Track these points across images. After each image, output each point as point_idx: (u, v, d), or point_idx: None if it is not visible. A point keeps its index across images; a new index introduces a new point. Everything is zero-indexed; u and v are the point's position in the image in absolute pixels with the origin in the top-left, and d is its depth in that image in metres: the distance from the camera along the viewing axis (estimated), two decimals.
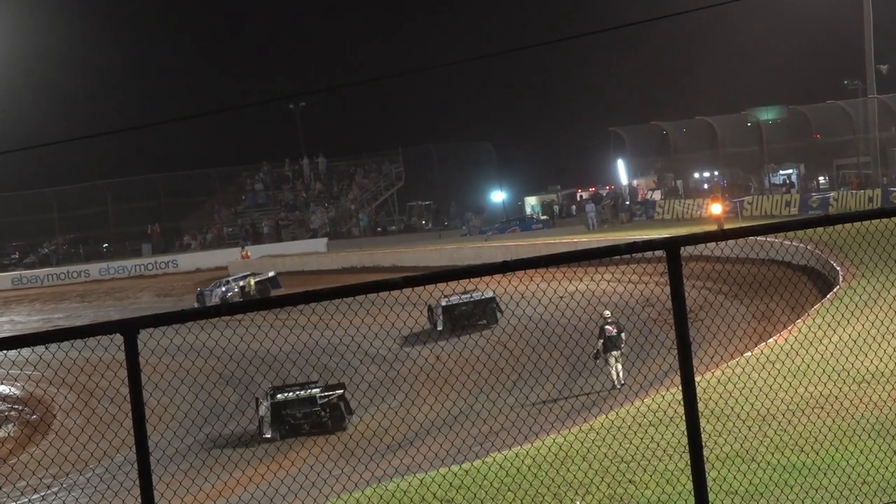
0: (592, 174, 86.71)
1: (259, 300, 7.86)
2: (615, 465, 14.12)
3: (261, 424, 30.06)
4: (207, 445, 27.51)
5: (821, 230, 10.30)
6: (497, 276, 8.23)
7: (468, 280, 9.05)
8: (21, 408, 37.94)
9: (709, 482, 8.14)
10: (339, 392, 30.31)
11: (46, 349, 7.63)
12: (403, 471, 18.77)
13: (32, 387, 38.26)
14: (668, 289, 7.99)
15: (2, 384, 39.50)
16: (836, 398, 15.10)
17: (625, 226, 69.41)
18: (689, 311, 8.23)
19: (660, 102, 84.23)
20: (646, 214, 72.24)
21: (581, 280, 26.78)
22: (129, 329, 7.01)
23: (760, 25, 77.49)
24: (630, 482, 13.43)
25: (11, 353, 8.00)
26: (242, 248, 74.52)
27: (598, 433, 16.26)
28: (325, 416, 29.99)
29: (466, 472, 15.10)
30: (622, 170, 79.67)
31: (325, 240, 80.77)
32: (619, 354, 29.70)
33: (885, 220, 9.29)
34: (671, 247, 7.92)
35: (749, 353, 22.36)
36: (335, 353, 33.11)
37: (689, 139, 75.45)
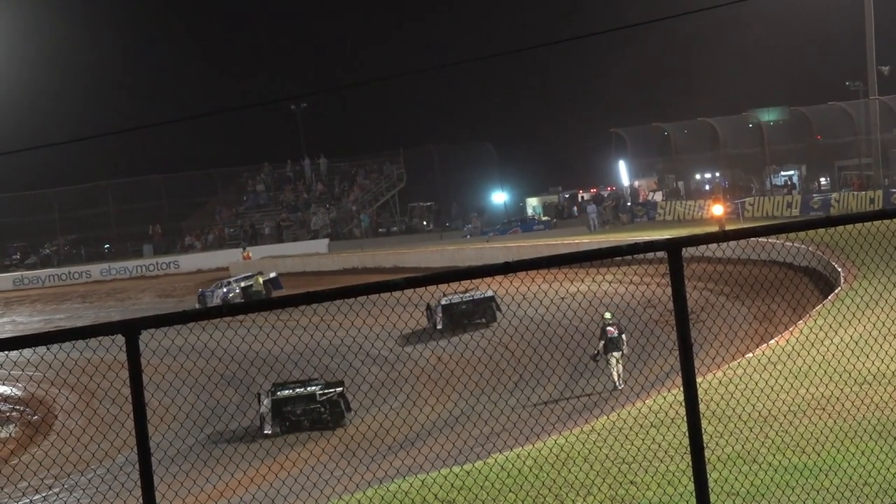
0: (594, 175, 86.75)
1: (260, 301, 7.87)
2: (616, 467, 14.12)
3: (262, 420, 30.49)
4: (209, 446, 27.50)
5: (822, 231, 10.29)
6: (498, 277, 8.20)
7: (469, 280, 9.04)
8: (22, 408, 37.95)
9: (710, 483, 8.14)
10: (339, 389, 30.71)
11: (48, 350, 7.62)
12: (405, 472, 18.76)
13: (34, 387, 38.23)
14: (670, 290, 7.99)
15: (3, 385, 39.51)
16: (838, 399, 15.09)
17: (626, 227, 69.38)
18: (691, 313, 8.23)
19: (661, 103, 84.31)
20: (647, 216, 72.24)
21: (582, 281, 26.88)
22: (131, 330, 7.01)
23: (762, 26, 77.48)
24: (631, 483, 13.42)
25: (13, 354, 8.01)
26: (244, 249, 74.54)
27: (600, 434, 16.25)
28: (325, 413, 30.42)
29: (468, 473, 15.09)
30: (623, 171, 79.66)
31: (327, 241, 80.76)
32: (621, 356, 29.71)
33: (887, 222, 9.29)
34: (673, 248, 7.91)
35: (750, 355, 22.34)
36: (336, 354, 33.19)
37: (691, 140, 75.45)
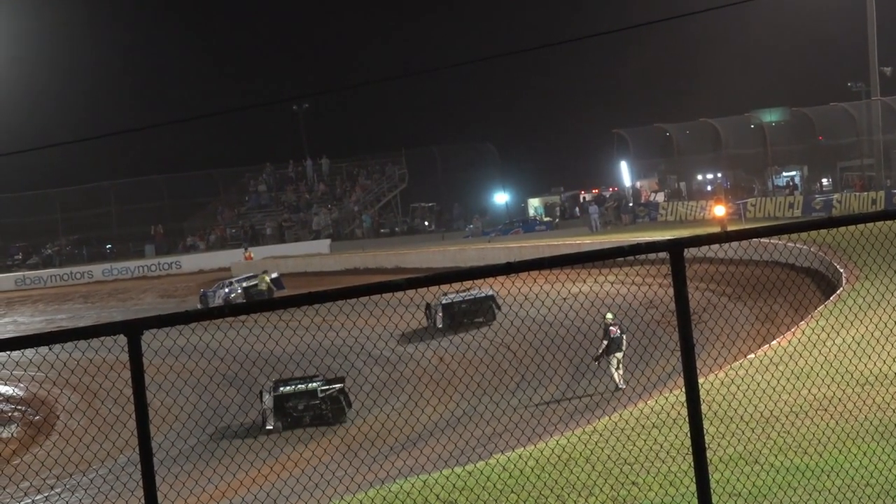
0: (596, 176, 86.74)
1: (262, 301, 7.87)
2: (618, 467, 14.11)
3: (264, 416, 30.98)
4: (210, 446, 27.50)
5: (824, 232, 10.28)
6: (500, 278, 8.20)
7: (471, 280, 9.03)
8: (24, 409, 37.95)
9: (712, 484, 8.13)
10: (339, 386, 31.19)
11: (50, 350, 7.62)
12: (406, 472, 18.75)
13: (36, 388, 38.24)
14: (672, 290, 7.99)
15: (5, 385, 39.54)
16: (840, 400, 15.09)
17: (628, 227, 69.34)
18: (693, 313, 8.23)
19: (663, 104, 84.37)
20: (649, 216, 72.21)
21: (584, 282, 26.88)
22: (133, 330, 7.02)
23: (764, 27, 77.47)
24: (633, 484, 13.42)
25: (15, 354, 8.01)
26: (245, 250, 74.56)
27: (602, 435, 16.25)
28: (326, 409, 30.94)
29: (470, 474, 15.10)
30: (625, 171, 79.63)
31: (329, 241, 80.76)
32: (622, 356, 29.71)
33: (889, 223, 9.28)
34: (675, 248, 7.91)
35: (752, 355, 22.34)
36: (338, 354, 33.20)
37: (693, 141, 75.44)
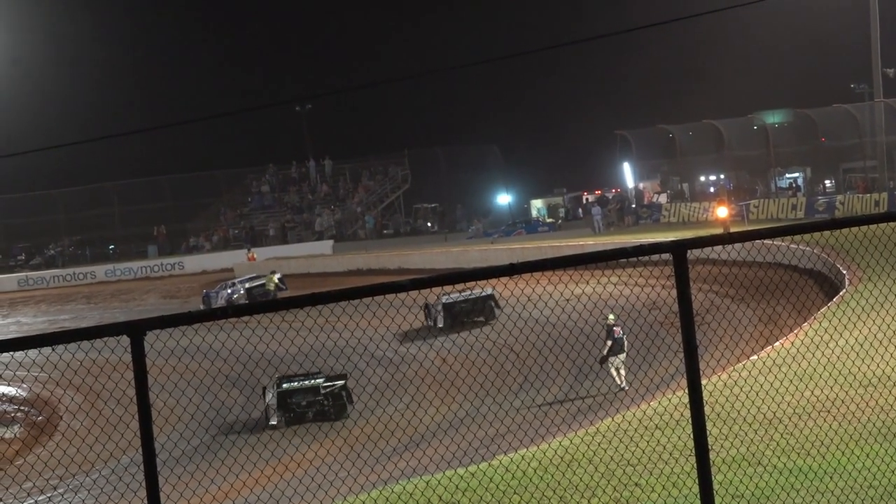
0: (598, 177, 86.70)
1: (265, 302, 7.89)
2: (621, 469, 14.12)
3: (267, 412, 31.49)
4: (213, 447, 27.51)
5: (827, 234, 10.28)
6: (503, 279, 8.20)
7: (474, 281, 9.05)
8: (27, 409, 37.97)
9: (715, 485, 8.14)
10: (341, 382, 31.63)
11: (53, 350, 7.62)
12: (409, 473, 18.76)
13: (39, 388, 38.27)
14: (675, 292, 7.99)
15: (8, 385, 39.54)
16: (843, 402, 15.09)
17: (631, 229, 69.28)
18: (696, 315, 8.23)
19: (666, 105, 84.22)
20: (652, 217, 72.16)
21: (587, 283, 26.86)
22: (136, 331, 7.02)
23: (767, 29, 77.40)
24: (636, 485, 13.42)
25: (18, 355, 8.01)
26: (248, 251, 74.58)
27: (605, 436, 16.25)
28: (328, 405, 31.37)
29: (472, 475, 15.10)
30: (628, 173, 79.58)
31: (331, 242, 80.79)
32: (625, 357, 29.72)
33: (892, 224, 9.29)
34: (678, 250, 7.91)
35: (755, 357, 22.33)
36: (341, 355, 33.18)
37: (696, 142, 75.37)
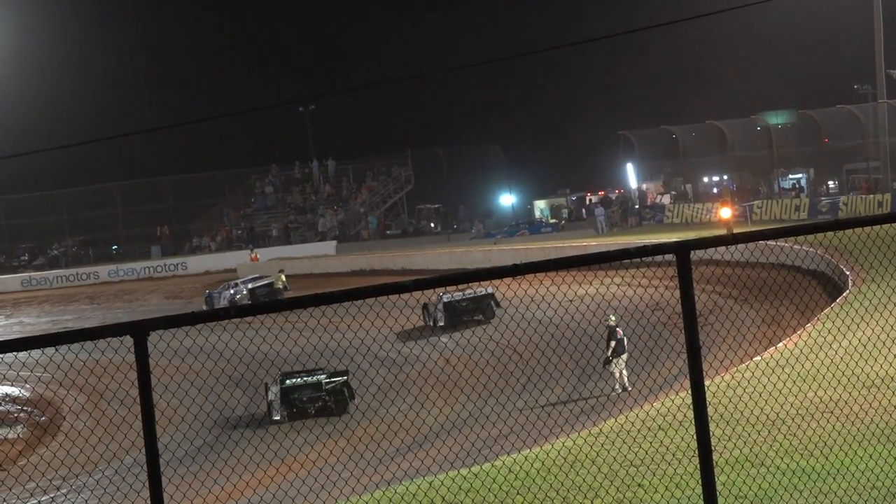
0: (602, 178, 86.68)
1: (268, 303, 7.89)
2: (624, 469, 14.12)
3: (269, 408, 31.95)
4: (217, 447, 27.53)
5: (830, 234, 10.27)
6: (506, 279, 8.21)
7: (477, 282, 9.08)
8: (30, 409, 37.97)
9: (718, 486, 8.13)
10: (343, 378, 32.02)
11: (56, 351, 7.63)
12: (412, 474, 18.77)
13: (42, 388, 38.29)
14: (678, 293, 7.99)
15: (11, 386, 39.54)
16: (846, 403, 15.08)
17: (634, 230, 69.27)
18: (699, 315, 8.23)
19: (669, 106, 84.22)
20: (655, 218, 72.16)
21: (591, 284, 26.83)
22: (139, 331, 7.02)
23: (770, 30, 77.38)
24: (639, 486, 13.42)
25: (21, 355, 8.01)
26: (251, 251, 74.63)
27: (608, 437, 16.25)
28: (330, 401, 31.84)
29: (475, 476, 15.10)
30: (631, 174, 79.58)
31: (334, 242, 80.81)
32: (626, 357, 29.74)
33: (895, 225, 9.28)
34: (681, 251, 7.91)
35: (758, 357, 22.32)
36: (344, 356, 33.29)
37: (699, 143, 75.33)
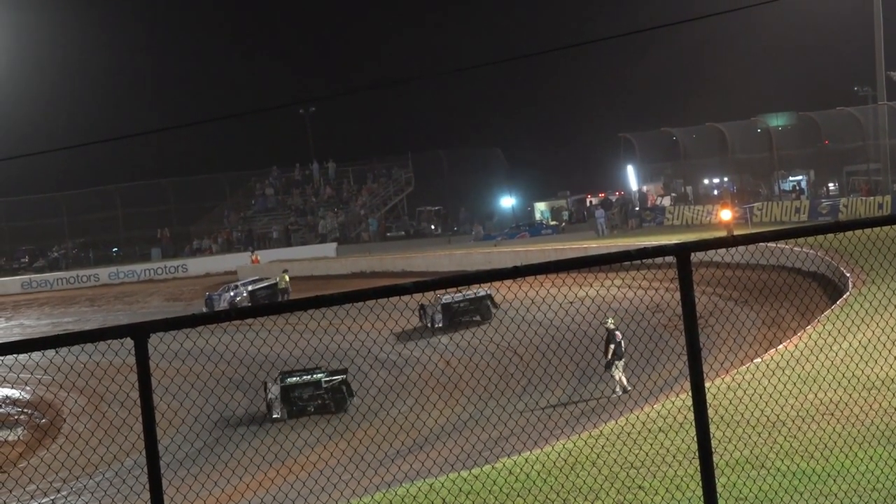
0: (602, 180, 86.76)
1: (268, 305, 7.90)
2: (624, 471, 14.11)
3: (269, 406, 32.43)
4: (217, 449, 27.53)
5: (831, 237, 10.27)
6: (507, 281, 8.21)
7: (478, 284, 9.08)
8: (31, 411, 37.97)
9: (718, 488, 8.13)
10: (342, 377, 32.54)
11: (56, 353, 7.63)
12: (412, 476, 18.77)
13: (42, 391, 38.28)
14: (678, 295, 7.99)
15: (11, 388, 39.55)
16: (846, 404, 15.08)
17: (634, 232, 69.26)
18: (699, 317, 8.23)
19: (670, 108, 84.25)
20: (655, 220, 72.15)
21: (591, 286, 26.81)
22: (140, 333, 7.02)
23: (771, 32, 77.42)
24: (639, 488, 13.42)
25: (21, 357, 8.02)
26: (252, 253, 74.65)
27: (608, 439, 16.25)
28: (329, 399, 32.33)
29: (476, 478, 15.10)
30: (632, 175, 79.60)
31: (335, 244, 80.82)
32: (625, 360, 29.78)
33: (895, 227, 9.28)
34: (681, 253, 7.91)
35: (759, 359, 22.32)
36: (345, 358, 33.32)
37: (699, 145, 75.32)
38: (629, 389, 28.82)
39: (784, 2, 61.51)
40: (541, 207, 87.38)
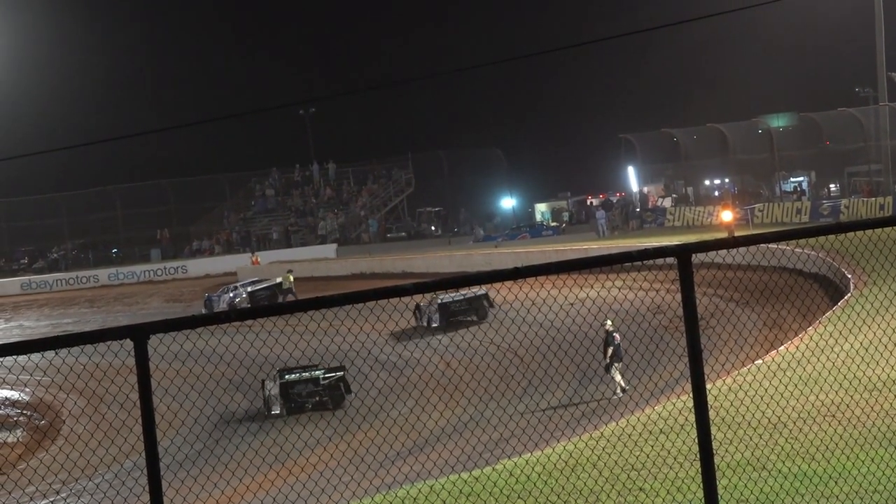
0: (603, 181, 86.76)
1: (268, 306, 7.87)
2: (625, 473, 14.08)
3: (268, 403, 32.88)
4: (217, 451, 27.49)
5: (832, 238, 10.25)
6: (507, 282, 8.19)
7: (478, 285, 9.02)
8: (30, 413, 37.96)
9: (719, 490, 8.10)
10: (340, 374, 33.01)
11: (56, 354, 7.59)
12: (413, 477, 18.74)
13: (42, 392, 38.26)
14: (679, 296, 7.97)
15: (11, 389, 39.52)
16: (848, 406, 15.05)
17: (635, 233, 69.25)
18: (700, 319, 8.20)
19: (670, 109, 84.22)
20: (656, 221, 72.13)
21: (591, 287, 26.76)
22: (139, 334, 6.99)
23: (772, 32, 77.41)
24: (640, 490, 13.39)
25: (21, 359, 7.98)
26: (252, 254, 74.66)
27: (609, 441, 16.22)
28: (327, 396, 32.74)
29: (476, 479, 15.07)
30: (633, 176, 79.58)
31: (335, 246, 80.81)
32: (622, 363, 29.81)
33: None
34: (682, 254, 7.88)
35: (760, 361, 22.30)
36: (345, 359, 33.30)
37: (700, 146, 75.30)
38: (626, 388, 28.82)
39: (784, 2, 61.46)
40: (541, 208, 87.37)
